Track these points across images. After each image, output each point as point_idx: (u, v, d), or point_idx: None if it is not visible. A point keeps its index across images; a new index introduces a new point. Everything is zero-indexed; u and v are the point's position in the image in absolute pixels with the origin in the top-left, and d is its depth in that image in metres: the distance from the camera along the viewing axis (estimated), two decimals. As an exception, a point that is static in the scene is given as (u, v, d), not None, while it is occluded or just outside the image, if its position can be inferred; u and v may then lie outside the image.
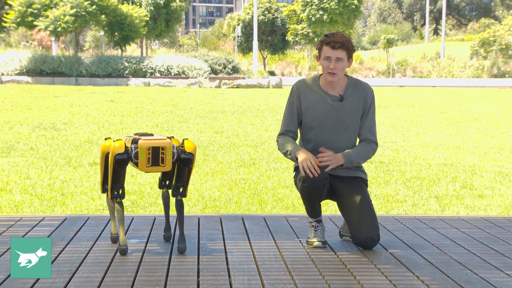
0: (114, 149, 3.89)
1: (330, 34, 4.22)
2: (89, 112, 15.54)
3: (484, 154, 10.16)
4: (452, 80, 35.62)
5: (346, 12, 37.87)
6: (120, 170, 3.96)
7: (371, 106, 4.29)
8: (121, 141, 3.93)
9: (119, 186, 4.01)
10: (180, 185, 4.12)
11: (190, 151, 3.98)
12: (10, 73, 26.44)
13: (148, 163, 3.86)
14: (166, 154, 3.87)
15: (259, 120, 14.57)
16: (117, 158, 3.88)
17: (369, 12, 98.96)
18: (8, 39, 49.75)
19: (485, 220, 5.19)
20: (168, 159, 3.88)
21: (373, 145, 4.31)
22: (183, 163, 4.01)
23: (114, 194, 4.02)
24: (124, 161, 3.90)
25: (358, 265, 3.84)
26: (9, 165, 8.40)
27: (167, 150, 3.87)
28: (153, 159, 3.86)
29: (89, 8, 27.95)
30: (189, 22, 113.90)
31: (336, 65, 4.16)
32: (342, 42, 4.15)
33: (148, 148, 3.84)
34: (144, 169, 3.88)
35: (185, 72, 27.40)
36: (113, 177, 3.97)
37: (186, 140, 4.02)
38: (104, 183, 4.21)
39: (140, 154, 3.84)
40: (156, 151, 3.86)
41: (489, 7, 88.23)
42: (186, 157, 3.99)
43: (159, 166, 3.89)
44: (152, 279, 3.51)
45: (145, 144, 3.84)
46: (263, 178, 7.83)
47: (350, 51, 4.19)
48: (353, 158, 4.21)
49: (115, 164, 3.91)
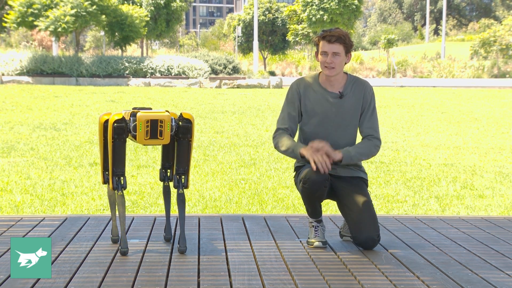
0: (113, 118, 3.89)
1: (327, 29, 4.23)
2: (89, 112, 15.55)
3: (485, 154, 10.16)
4: (452, 80, 35.61)
5: (346, 12, 37.85)
6: (120, 146, 3.92)
7: (371, 102, 4.28)
8: (120, 113, 3.94)
9: (120, 171, 3.97)
10: (181, 171, 4.09)
11: (188, 118, 3.99)
12: (10, 73, 26.43)
13: (147, 136, 3.86)
14: (165, 127, 3.86)
15: (259, 120, 14.57)
16: (116, 125, 3.86)
17: (369, 12, 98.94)
18: (8, 39, 49.76)
19: (486, 220, 5.19)
20: (167, 132, 3.87)
21: (375, 141, 4.26)
22: (182, 132, 3.99)
23: (115, 184, 3.98)
24: (123, 129, 3.88)
25: (358, 265, 3.84)
26: (10, 165, 8.40)
27: (166, 123, 3.86)
28: (151, 131, 3.85)
29: (89, 8, 27.94)
30: (189, 22, 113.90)
31: (333, 59, 4.16)
32: (338, 36, 4.15)
33: (147, 120, 3.83)
34: (143, 141, 3.86)
35: (185, 72, 27.39)
36: (113, 157, 3.93)
37: (183, 112, 4.04)
38: (104, 170, 4.15)
39: (138, 127, 3.83)
40: (155, 123, 3.85)
41: (489, 7, 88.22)
42: (185, 125, 3.98)
43: (157, 139, 3.88)
44: (152, 279, 3.51)
45: (143, 116, 3.83)
46: (263, 178, 7.83)
47: (347, 45, 4.18)
48: (352, 154, 4.15)
49: (114, 133, 3.88)
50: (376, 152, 4.27)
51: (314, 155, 4.02)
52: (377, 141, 4.27)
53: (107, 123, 3.95)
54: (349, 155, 4.15)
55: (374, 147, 4.26)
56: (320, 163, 4.00)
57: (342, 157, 4.12)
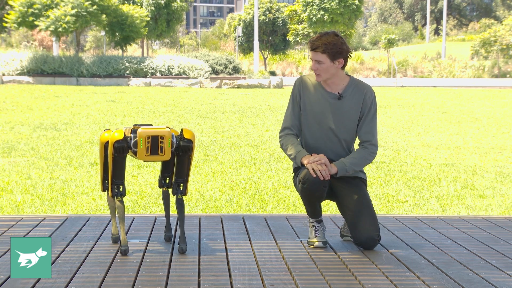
0: (113, 137, 3.90)
1: (315, 36, 4.21)
2: (90, 112, 15.55)
3: (485, 154, 10.16)
4: (453, 80, 35.59)
5: (347, 12, 37.85)
6: (120, 161, 3.95)
7: (372, 107, 4.25)
8: (121, 130, 3.95)
9: (120, 181, 4.00)
10: (180, 181, 4.11)
11: (189, 138, 4.00)
12: (11, 73, 26.44)
13: (147, 152, 3.87)
14: (165, 143, 3.88)
15: (260, 120, 14.57)
16: (116, 145, 3.88)
17: (370, 12, 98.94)
18: (9, 39, 49.76)
19: (486, 220, 5.19)
20: (167, 148, 3.89)
21: (372, 148, 4.25)
22: (182, 151, 4.00)
23: (115, 192, 4.01)
24: (123, 148, 3.90)
25: (359, 265, 3.84)
26: (10, 165, 8.40)
27: (166, 139, 3.87)
28: (152, 148, 3.87)
29: (90, 8, 27.95)
30: (190, 22, 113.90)
31: (317, 66, 4.17)
32: (319, 45, 4.12)
33: (147, 137, 3.85)
34: (143, 158, 3.88)
35: (186, 72, 27.40)
36: (113, 170, 3.96)
37: (184, 129, 4.04)
38: (104, 180, 4.18)
39: (139, 143, 3.85)
40: (155, 140, 3.87)
41: (490, 7, 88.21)
42: (186, 144, 3.99)
43: (158, 155, 3.89)
44: (153, 279, 3.51)
45: (144, 133, 3.85)
46: (264, 178, 7.83)
47: (332, 53, 4.12)
48: (348, 166, 4.16)
49: (114, 152, 3.90)
50: (372, 159, 4.28)
51: (314, 165, 4.05)
52: (373, 147, 4.26)
53: (108, 144, 3.99)
54: (344, 167, 4.16)
55: (369, 155, 4.25)
56: (319, 171, 4.04)
57: (337, 171, 4.14)
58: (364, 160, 4.24)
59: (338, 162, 4.16)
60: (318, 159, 4.08)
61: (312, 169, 4.04)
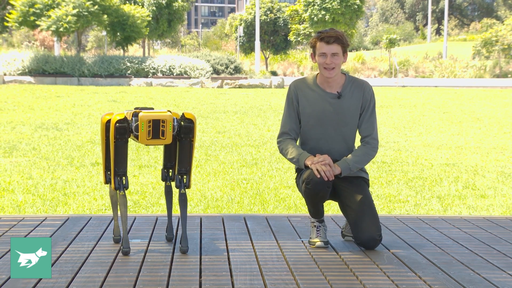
0: (115, 118, 3.89)
1: (323, 30, 4.23)
2: (91, 112, 15.55)
3: (487, 154, 10.15)
4: (454, 80, 35.57)
5: (348, 12, 37.83)
6: (121, 146, 3.93)
7: (371, 102, 4.27)
8: (122, 113, 3.95)
9: (122, 171, 3.97)
10: (183, 171, 4.09)
11: (190, 118, 4.00)
12: (12, 73, 26.44)
13: (149, 136, 3.87)
14: (167, 127, 3.87)
15: (261, 120, 14.57)
16: (118, 125, 3.87)
17: (371, 12, 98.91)
18: (10, 39, 49.78)
19: (488, 220, 5.19)
20: (169, 131, 3.88)
21: (373, 142, 4.26)
22: (184, 132, 4.00)
23: (117, 184, 3.98)
24: (125, 129, 3.89)
25: (360, 265, 3.84)
26: (12, 165, 8.40)
27: (168, 122, 3.87)
28: (153, 131, 3.87)
29: (91, 8, 27.95)
30: (191, 22, 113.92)
31: (332, 60, 4.16)
32: (336, 37, 4.16)
33: (149, 120, 3.84)
34: (145, 141, 3.88)
35: (187, 72, 27.40)
36: (115, 157, 3.94)
37: (185, 112, 4.04)
38: (106, 170, 4.15)
39: (140, 127, 3.84)
40: (157, 123, 3.86)
41: (491, 7, 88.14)
42: (187, 125, 3.99)
43: (159, 139, 3.89)
44: (154, 279, 3.51)
45: (145, 116, 3.84)
46: (265, 178, 7.83)
47: (345, 45, 4.19)
48: (351, 165, 4.17)
49: (116, 133, 3.89)
50: (374, 154, 4.29)
51: (318, 165, 4.05)
52: (374, 141, 4.27)
53: (109, 123, 3.96)
54: (348, 167, 4.17)
55: (371, 150, 4.26)
56: (324, 171, 4.04)
57: (341, 171, 4.15)
58: (366, 156, 4.24)
59: (341, 162, 4.17)
60: (322, 160, 4.08)
61: (316, 170, 4.04)
